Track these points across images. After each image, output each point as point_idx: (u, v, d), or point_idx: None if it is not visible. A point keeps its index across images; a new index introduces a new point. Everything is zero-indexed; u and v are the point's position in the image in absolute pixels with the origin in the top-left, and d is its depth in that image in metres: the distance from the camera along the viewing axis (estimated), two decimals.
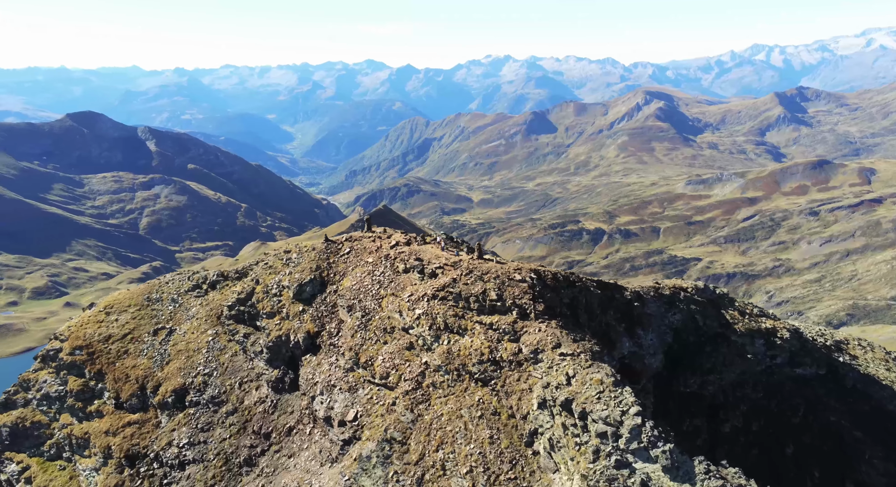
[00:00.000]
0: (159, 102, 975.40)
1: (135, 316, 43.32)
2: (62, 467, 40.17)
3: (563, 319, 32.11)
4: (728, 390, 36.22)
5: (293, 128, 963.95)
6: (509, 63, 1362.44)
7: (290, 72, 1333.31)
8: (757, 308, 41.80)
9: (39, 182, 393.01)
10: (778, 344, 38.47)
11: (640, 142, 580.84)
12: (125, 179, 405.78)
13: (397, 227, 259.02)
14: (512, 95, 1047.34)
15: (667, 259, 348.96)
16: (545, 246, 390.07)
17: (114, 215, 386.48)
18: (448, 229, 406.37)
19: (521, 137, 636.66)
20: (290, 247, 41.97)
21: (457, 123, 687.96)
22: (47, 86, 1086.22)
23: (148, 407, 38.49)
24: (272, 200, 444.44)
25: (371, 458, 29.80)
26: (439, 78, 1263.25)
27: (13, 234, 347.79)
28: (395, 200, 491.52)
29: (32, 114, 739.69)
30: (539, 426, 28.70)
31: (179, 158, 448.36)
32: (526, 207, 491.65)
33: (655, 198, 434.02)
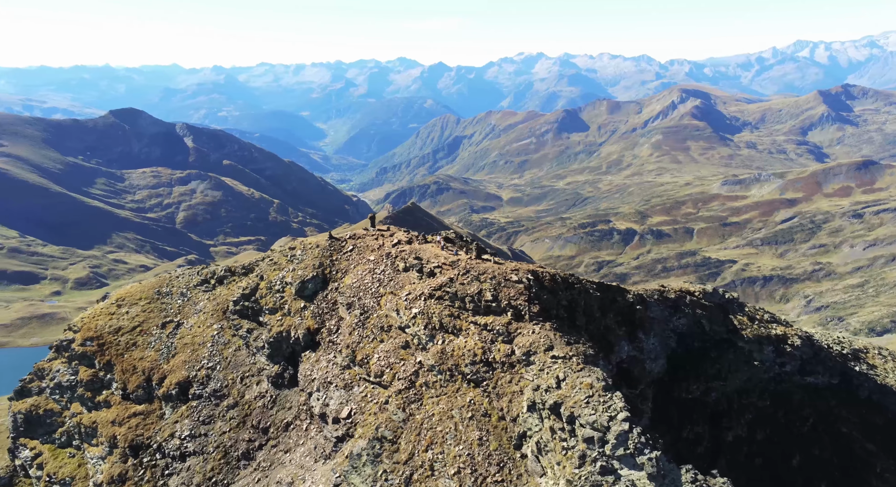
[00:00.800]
0: (197, 99, 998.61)
1: (145, 309, 44.50)
2: (72, 454, 41.59)
3: (558, 321, 31.70)
4: (733, 397, 35.26)
5: (326, 125, 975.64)
6: (542, 60, 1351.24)
7: (324, 69, 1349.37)
8: (768, 314, 40.55)
9: (83, 176, 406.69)
10: (788, 351, 37.27)
11: (675, 140, 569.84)
12: (163, 174, 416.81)
13: (425, 225, 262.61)
14: (544, 93, 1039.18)
15: (700, 260, 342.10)
16: (575, 245, 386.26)
17: (152, 209, 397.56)
18: (476, 227, 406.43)
19: (552, 135, 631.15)
20: (295, 244, 42.52)
21: (487, 121, 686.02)
22: (93, 83, 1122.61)
23: (153, 399, 39.51)
24: (304, 196, 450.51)
25: (361, 456, 29.98)
26: (471, 75, 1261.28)
27: (58, 227, 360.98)
28: (425, 198, 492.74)
29: (78, 111, 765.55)
30: (528, 429, 28.43)
31: (215, 154, 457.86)
32: (556, 206, 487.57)
33: (689, 198, 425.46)
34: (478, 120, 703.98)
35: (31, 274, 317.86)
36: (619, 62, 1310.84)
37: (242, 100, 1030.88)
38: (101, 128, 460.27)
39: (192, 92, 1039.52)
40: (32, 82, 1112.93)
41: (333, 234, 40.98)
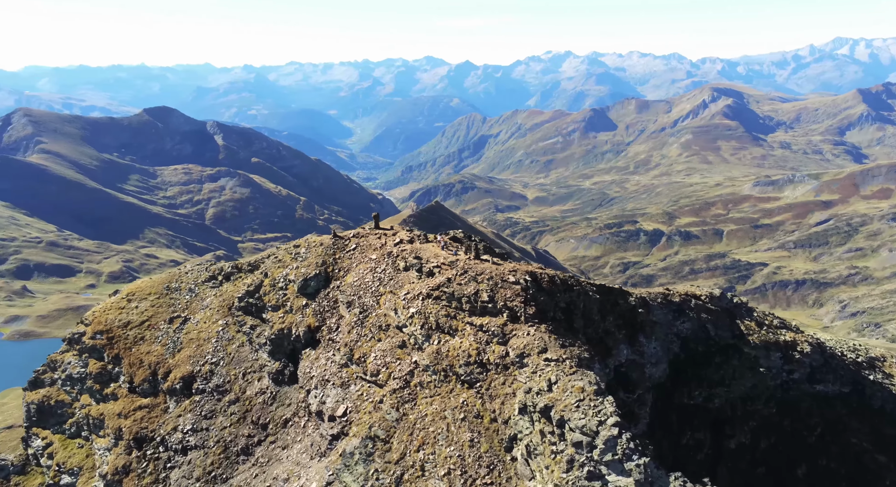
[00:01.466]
0: (228, 98, 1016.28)
1: (154, 304, 45.44)
2: (81, 445, 42.72)
3: (555, 323, 31.35)
4: (736, 404, 34.44)
5: (353, 123, 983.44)
6: (569, 59, 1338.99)
7: (352, 68, 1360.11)
8: (778, 319, 39.47)
9: (118, 173, 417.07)
10: (796, 358, 36.25)
11: (706, 140, 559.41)
12: (194, 171, 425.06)
13: (448, 223, 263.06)
14: (571, 92, 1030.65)
15: (729, 263, 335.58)
16: (600, 246, 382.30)
17: (183, 205, 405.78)
18: (501, 226, 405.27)
19: (579, 135, 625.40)
20: (300, 242, 42.91)
21: (513, 120, 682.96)
22: (129, 82, 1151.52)
23: (158, 393, 40.32)
24: (330, 194, 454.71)
25: (354, 454, 30.12)
26: (497, 74, 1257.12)
27: (93, 221, 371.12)
28: (450, 196, 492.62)
29: (115, 109, 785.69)
30: (518, 431, 28.20)
31: (244, 152, 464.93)
32: (582, 206, 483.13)
33: (720, 199, 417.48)
34: (504, 119, 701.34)
35: (68, 268, 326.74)
36: (649, 60, 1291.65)
37: (272, 99, 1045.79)
38: (135, 126, 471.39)
39: (224, 90, 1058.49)
40: (72, 81, 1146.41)
41: (338, 233, 41.23)
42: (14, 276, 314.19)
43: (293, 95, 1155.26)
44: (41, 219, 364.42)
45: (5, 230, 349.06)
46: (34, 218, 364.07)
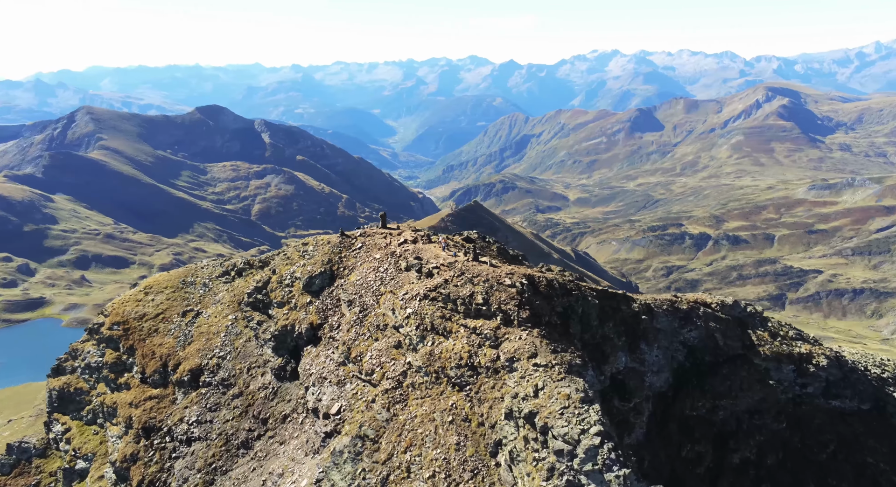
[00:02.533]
0: (276, 97, 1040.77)
1: (169, 297, 46.87)
2: (96, 432, 44.49)
3: (549, 328, 30.78)
4: (742, 417, 33.08)
5: (396, 122, 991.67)
6: (616, 58, 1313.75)
7: (396, 68, 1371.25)
8: (794, 330, 37.70)
9: (171, 169, 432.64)
10: (811, 371, 34.55)
11: (758, 141, 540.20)
12: (241, 168, 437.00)
13: (486, 223, 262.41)
14: (617, 91, 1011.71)
15: (780, 269, 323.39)
16: (643, 249, 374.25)
17: (230, 201, 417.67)
18: (541, 227, 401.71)
19: (623, 135, 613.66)
20: (309, 240, 43.50)
21: (557, 120, 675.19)
22: (184, 81, 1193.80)
23: (168, 384, 41.58)
24: (371, 192, 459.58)
25: (343, 453, 30.33)
26: (542, 74, 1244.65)
27: (147, 215, 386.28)
28: (490, 196, 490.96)
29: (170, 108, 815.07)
30: (503, 437, 27.83)
31: (289, 149, 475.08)
32: (625, 208, 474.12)
33: (771, 202, 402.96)
34: (547, 118, 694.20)
35: (122, 259, 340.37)
36: (700, 59, 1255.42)
37: (318, 98, 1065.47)
38: (187, 124, 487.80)
39: (272, 90, 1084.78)
40: (132, 81, 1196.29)
41: (345, 232, 41.62)
42: (74, 266, 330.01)
43: (338, 94, 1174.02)
44: (100, 212, 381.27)
45: (67, 222, 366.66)
46: (93, 211, 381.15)
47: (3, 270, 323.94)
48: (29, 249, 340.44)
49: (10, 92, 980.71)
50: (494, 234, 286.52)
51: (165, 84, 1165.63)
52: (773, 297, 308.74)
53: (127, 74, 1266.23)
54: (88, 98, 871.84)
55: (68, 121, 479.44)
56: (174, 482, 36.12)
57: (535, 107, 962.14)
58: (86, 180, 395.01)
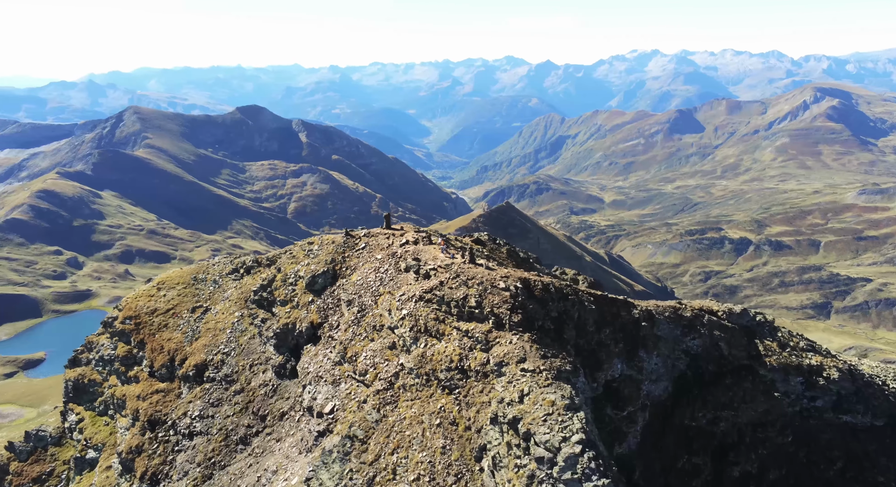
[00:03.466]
0: (314, 97, 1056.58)
1: (180, 293, 48.02)
2: (107, 423, 45.90)
3: (542, 333, 30.33)
4: (745, 430, 31.95)
5: (431, 122, 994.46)
6: (656, 58, 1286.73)
7: (432, 68, 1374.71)
8: (806, 341, 36.22)
9: (211, 167, 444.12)
10: (821, 384, 33.13)
11: (805, 144, 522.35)
12: (279, 167, 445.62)
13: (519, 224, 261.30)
14: (656, 92, 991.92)
15: (826, 277, 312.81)
16: (680, 253, 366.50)
17: (267, 199, 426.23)
18: (575, 229, 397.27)
19: (662, 136, 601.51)
20: (314, 239, 43.95)
21: (593, 121, 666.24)
22: (226, 82, 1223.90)
23: (174, 378, 42.57)
24: (404, 192, 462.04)
25: (332, 452, 30.52)
26: (579, 74, 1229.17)
27: (188, 212, 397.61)
28: (524, 197, 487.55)
29: (212, 107, 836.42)
30: (488, 442, 27.55)
31: (325, 149, 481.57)
32: (662, 211, 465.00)
33: (817, 207, 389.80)
34: (583, 119, 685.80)
35: (164, 254, 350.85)
36: (745, 59, 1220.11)
37: (355, 98, 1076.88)
38: (228, 124, 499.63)
39: (311, 90, 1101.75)
40: (177, 81, 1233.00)
41: (350, 232, 41.91)
42: (119, 260, 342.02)
43: (375, 95, 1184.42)
44: (144, 209, 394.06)
45: (113, 217, 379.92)
46: (138, 207, 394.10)
47: (53, 263, 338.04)
48: (78, 243, 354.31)
49: (65, 92, 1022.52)
50: (526, 236, 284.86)
51: (209, 84, 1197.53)
52: (817, 305, 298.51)
53: (173, 75, 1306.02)
54: (136, 98, 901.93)
55: (116, 120, 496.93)
56: (175, 475, 37.00)
57: (572, 107, 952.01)
58: (131, 177, 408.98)
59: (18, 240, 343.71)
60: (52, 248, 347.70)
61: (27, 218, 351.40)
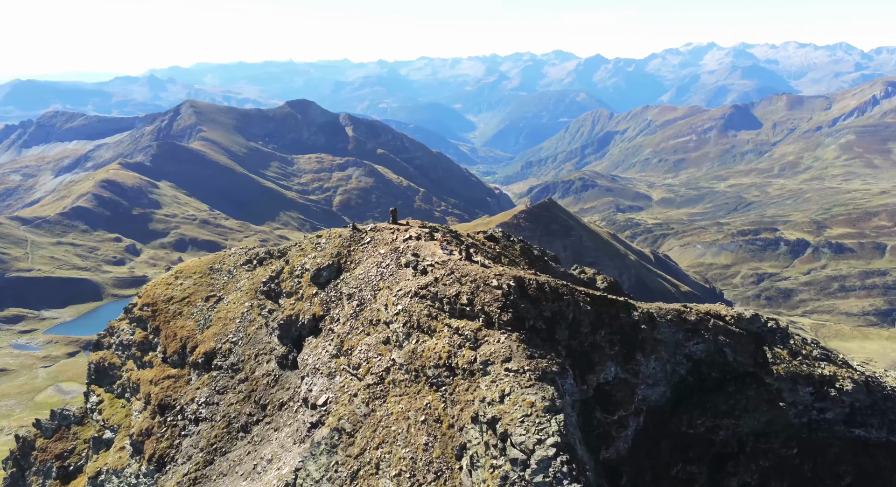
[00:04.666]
0: (362, 92, 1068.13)
1: (196, 282, 49.48)
2: (123, 405, 47.84)
3: (531, 332, 29.78)
4: (746, 439, 30.60)
5: (476, 117, 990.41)
6: (712, 51, 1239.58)
7: (479, 63, 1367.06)
8: (822, 350, 34.34)
9: (261, 160, 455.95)
10: (832, 395, 31.37)
11: (873, 141, 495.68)
12: (325, 161, 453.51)
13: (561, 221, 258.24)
14: (711, 87, 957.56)
15: (892, 282, 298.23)
16: (731, 253, 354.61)
17: (314, 192, 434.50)
18: (620, 227, 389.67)
19: (716, 133, 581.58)
20: (322, 233, 44.48)
21: (643, 116, 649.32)
22: (277, 77, 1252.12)
23: (185, 365, 43.94)
24: (448, 186, 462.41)
25: (321, 444, 30.90)
26: (630, 68, 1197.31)
27: (239, 203, 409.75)
28: (569, 194, 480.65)
29: (264, 101, 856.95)
30: (468, 440, 27.31)
31: (371, 143, 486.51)
32: (713, 210, 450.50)
33: (884, 209, 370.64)
34: (633, 115, 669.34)
35: (215, 244, 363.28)
36: (809, 52, 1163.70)
37: (402, 93, 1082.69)
38: (278, 118, 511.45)
39: (359, 84, 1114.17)
40: (232, 76, 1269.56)
41: (357, 226, 42.24)
42: (173, 248, 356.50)
43: (422, 89, 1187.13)
44: (197, 199, 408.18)
45: (169, 207, 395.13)
46: (192, 197, 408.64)
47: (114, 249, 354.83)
48: (136, 231, 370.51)
49: (128, 86, 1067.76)
50: (568, 233, 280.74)
51: (261, 79, 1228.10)
52: (880, 312, 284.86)
53: (228, 70, 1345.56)
54: (194, 92, 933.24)
55: (174, 113, 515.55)
56: (180, 458, 38.29)
57: (621, 103, 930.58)
58: (187, 169, 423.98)
59: (83, 227, 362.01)
60: (112, 235, 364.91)
61: (91, 206, 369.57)
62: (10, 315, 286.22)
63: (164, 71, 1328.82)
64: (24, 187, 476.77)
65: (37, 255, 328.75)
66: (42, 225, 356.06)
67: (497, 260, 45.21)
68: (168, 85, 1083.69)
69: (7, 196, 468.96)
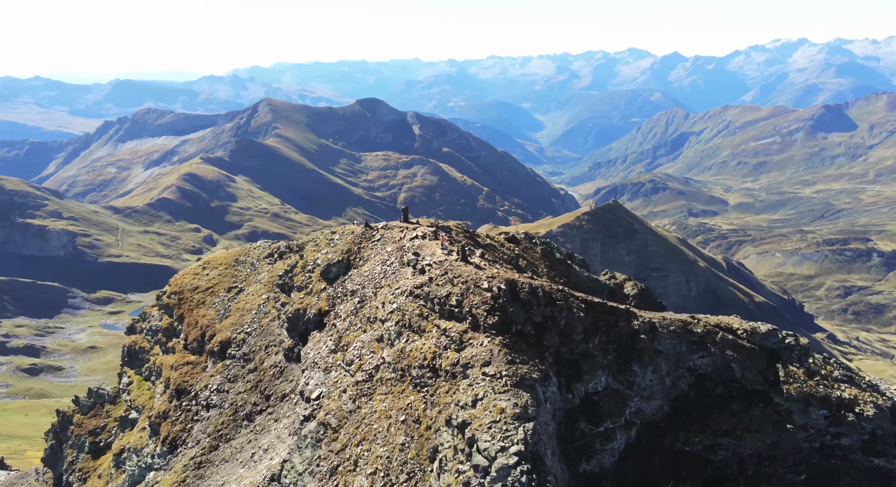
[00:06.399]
0: (431, 91, 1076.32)
1: (221, 273, 51.34)
2: (149, 388, 50.34)
3: (517, 337, 28.95)
4: (748, 462, 28.52)
5: (545, 117, 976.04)
6: (803, 47, 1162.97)
7: (550, 61, 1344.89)
8: (845, 372, 31.45)
9: (331, 156, 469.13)
10: (850, 420, 28.72)
11: None
12: (392, 158, 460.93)
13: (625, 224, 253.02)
14: (800, 86, 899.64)
15: None
16: (815, 264, 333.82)
17: (379, 189, 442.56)
18: (692, 232, 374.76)
19: (803, 135, 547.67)
20: (337, 229, 45.08)
21: (722, 116, 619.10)
22: (350, 76, 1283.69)
23: (203, 352, 45.68)
24: (512, 186, 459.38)
25: (307, 437, 31.35)
26: (709, 66, 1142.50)
27: (308, 198, 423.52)
28: (637, 196, 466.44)
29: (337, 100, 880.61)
30: (440, 443, 26.88)
31: (437, 141, 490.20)
32: (796, 217, 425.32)
33: None
34: (710, 115, 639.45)
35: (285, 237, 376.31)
36: None
37: (470, 91, 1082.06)
38: (348, 115, 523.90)
39: (428, 83, 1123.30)
40: (308, 75, 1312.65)
41: (369, 223, 42.58)
42: (246, 239, 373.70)
43: (490, 88, 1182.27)
44: (270, 193, 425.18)
45: (244, 200, 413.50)
46: (265, 192, 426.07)
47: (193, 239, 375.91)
48: (213, 222, 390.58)
49: (214, 85, 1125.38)
50: (633, 236, 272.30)
51: (335, 78, 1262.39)
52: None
53: (304, 69, 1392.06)
54: (272, 91, 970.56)
55: (252, 111, 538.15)
56: (190, 441, 39.96)
57: (698, 102, 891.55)
58: (261, 164, 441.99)
59: (167, 217, 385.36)
60: (192, 226, 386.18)
61: (174, 197, 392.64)
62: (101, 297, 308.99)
63: (246, 70, 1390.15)
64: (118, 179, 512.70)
65: (126, 242, 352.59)
66: (131, 214, 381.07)
67: (513, 262, 44.42)
68: (249, 84, 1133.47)
69: (104, 186, 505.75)
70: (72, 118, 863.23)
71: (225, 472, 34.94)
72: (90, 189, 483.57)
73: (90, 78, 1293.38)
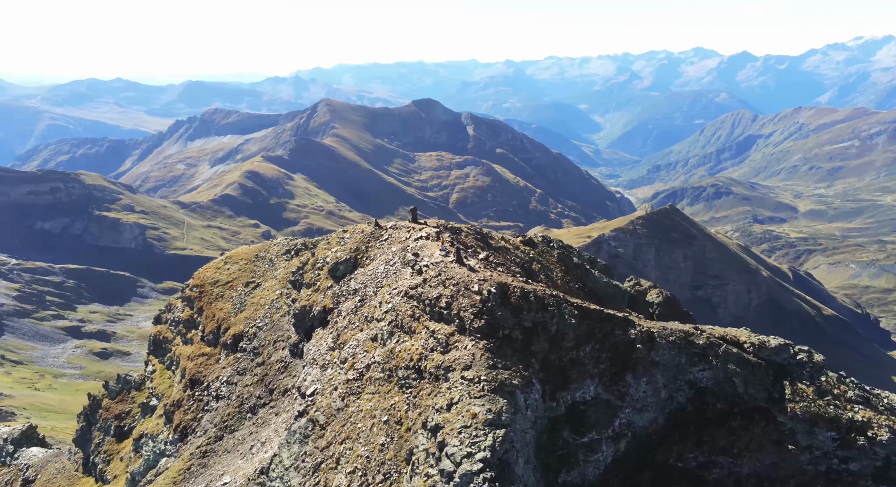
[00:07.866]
0: (487, 91, 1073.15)
1: (241, 268, 52.65)
2: (169, 376, 52.20)
3: (504, 342, 28.23)
4: (746, 482, 26.83)
5: (603, 118, 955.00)
6: (890, 45, 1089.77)
7: (609, 61, 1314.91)
8: (861, 392, 29.07)
9: (385, 156, 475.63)
10: (860, 443, 26.54)
11: None
12: (445, 159, 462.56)
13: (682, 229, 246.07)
14: (884, 86, 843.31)
15: None
16: (894, 277, 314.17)
17: (432, 189, 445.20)
18: (756, 240, 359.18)
19: (885, 138, 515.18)
20: (348, 228, 45.42)
21: (794, 118, 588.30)
22: (407, 77, 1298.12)
23: (218, 345, 46.95)
24: (566, 188, 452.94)
25: (296, 433, 31.70)
26: (782, 66, 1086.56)
27: (362, 196, 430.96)
28: (698, 201, 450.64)
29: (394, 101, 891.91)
30: (416, 446, 26.52)
31: (491, 142, 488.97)
32: (875, 226, 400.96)
33: None
34: (781, 117, 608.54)
35: None
36: None
37: (526, 92, 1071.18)
38: (404, 116, 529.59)
39: (484, 84, 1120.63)
40: (367, 76, 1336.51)
41: (378, 223, 42.73)
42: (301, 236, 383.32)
43: (547, 89, 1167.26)
44: (326, 191, 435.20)
45: (301, 198, 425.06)
46: (321, 190, 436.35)
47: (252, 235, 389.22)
48: (271, 218, 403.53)
49: (277, 86, 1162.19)
50: (690, 242, 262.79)
51: (392, 79, 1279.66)
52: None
53: (363, 70, 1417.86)
54: (332, 92, 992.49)
55: (311, 111, 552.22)
56: (199, 430, 41.23)
57: (768, 104, 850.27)
58: (319, 163, 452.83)
59: (228, 213, 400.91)
60: (252, 222, 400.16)
61: (236, 194, 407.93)
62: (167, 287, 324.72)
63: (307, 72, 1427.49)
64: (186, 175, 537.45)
65: (190, 236, 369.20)
66: (197, 209, 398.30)
67: (525, 265, 43.57)
68: (310, 85, 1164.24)
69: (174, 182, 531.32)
70: (147, 117, 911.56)
71: (225, 462, 35.83)
72: (161, 184, 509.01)
73: (165, 79, 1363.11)
